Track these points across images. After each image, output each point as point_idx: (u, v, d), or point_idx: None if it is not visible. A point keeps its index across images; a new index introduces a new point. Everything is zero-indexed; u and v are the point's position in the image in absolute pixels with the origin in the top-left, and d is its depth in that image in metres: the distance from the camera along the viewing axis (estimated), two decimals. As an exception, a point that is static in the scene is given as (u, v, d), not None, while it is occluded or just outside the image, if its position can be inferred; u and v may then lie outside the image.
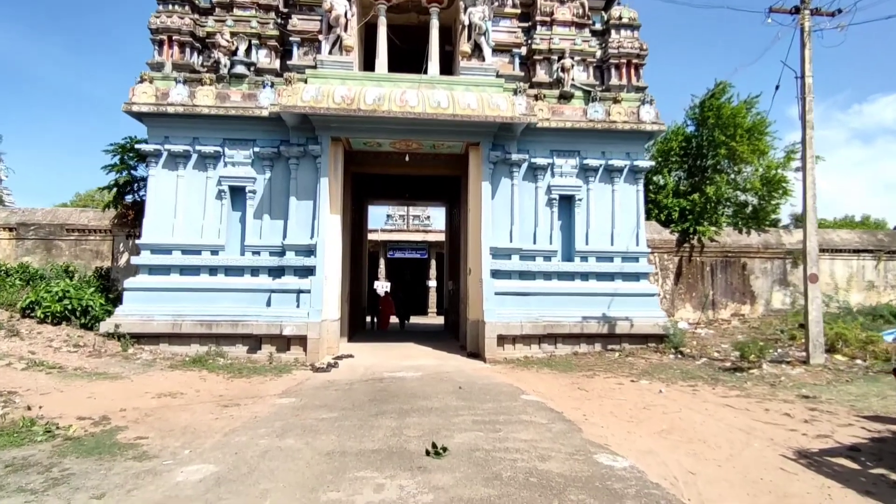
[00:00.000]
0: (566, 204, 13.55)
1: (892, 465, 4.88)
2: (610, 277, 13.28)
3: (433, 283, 31.79)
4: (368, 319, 21.18)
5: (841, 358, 10.28)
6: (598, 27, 14.68)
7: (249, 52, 13.25)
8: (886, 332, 8.49)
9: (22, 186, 60.04)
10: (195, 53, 13.45)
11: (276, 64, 13.54)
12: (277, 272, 12.47)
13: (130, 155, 14.47)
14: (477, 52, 13.15)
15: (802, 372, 9.52)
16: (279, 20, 13.71)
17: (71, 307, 11.98)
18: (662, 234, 16.61)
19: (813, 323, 10.07)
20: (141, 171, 14.43)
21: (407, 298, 23.85)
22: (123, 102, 12.30)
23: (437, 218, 35.27)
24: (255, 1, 13.44)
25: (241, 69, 12.85)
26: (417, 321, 25.06)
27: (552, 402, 7.73)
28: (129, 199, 15.11)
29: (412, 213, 35.81)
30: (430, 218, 35.92)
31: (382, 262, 31.78)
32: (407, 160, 13.72)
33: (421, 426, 6.17)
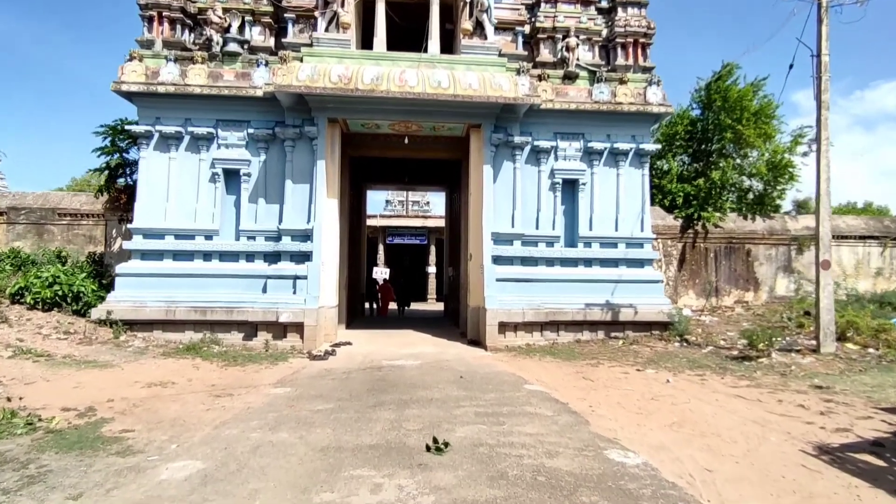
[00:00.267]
0: (569, 188, 13.19)
1: (919, 461, 4.62)
2: (614, 264, 12.99)
3: (433, 269, 31.58)
4: (367, 306, 20.93)
5: (852, 347, 10.00)
6: (604, 4, 14.16)
7: (243, 29, 12.79)
8: None
9: (17, 172, 59.35)
10: (186, 30, 12.95)
11: (270, 42, 13.07)
12: (273, 257, 12.15)
13: (122, 137, 14.04)
14: (479, 29, 12.70)
15: (813, 361, 9.25)
16: (273, -4, 13.21)
17: (61, 293, 11.72)
18: (666, 219, 16.27)
19: (824, 310, 9.77)
20: (133, 153, 14.04)
21: (406, 285, 23.61)
22: (112, 81, 11.88)
23: (436, 204, 35.02)
24: (248, -25, 12.95)
25: (234, 47, 12.40)
26: (417, 308, 24.83)
27: (556, 392, 7.46)
28: (121, 182, 14.74)
29: (411, 198, 35.51)
30: (429, 204, 35.66)
31: (381, 248, 31.51)
32: (406, 143, 13.34)
33: (421, 419, 5.89)
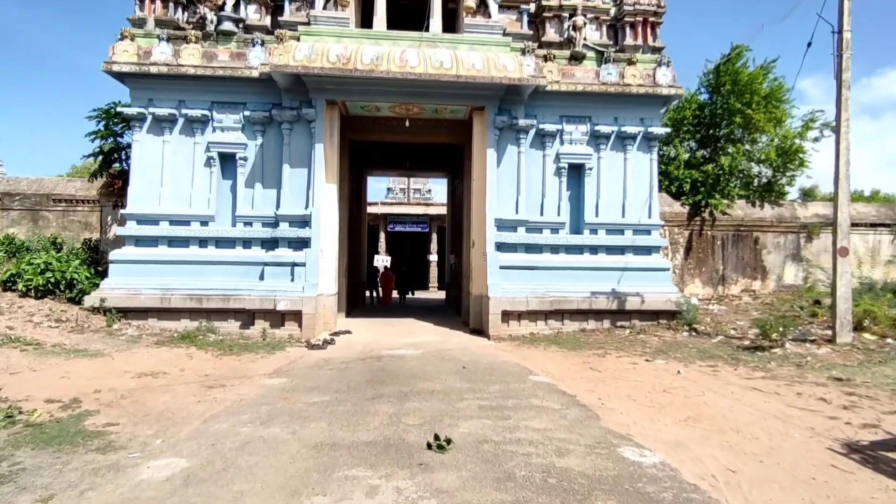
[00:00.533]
0: (575, 173, 12.79)
1: (956, 461, 4.29)
2: (620, 251, 12.63)
3: (434, 257, 31.31)
4: (368, 294, 20.64)
5: (870, 337, 9.64)
6: (612, -19, 13.67)
7: (238, 7, 12.31)
8: None
9: (19, 160, 58.99)
10: (179, 8, 12.47)
11: (266, 20, 12.60)
12: (271, 244, 11.81)
13: (115, 121, 13.63)
14: (482, 7, 12.24)
15: (829, 352, 8.91)
16: (269, -28, 12.74)
17: (54, 280, 11.43)
18: (673, 206, 15.86)
19: (841, 299, 9.40)
20: (127, 137, 13.65)
21: (408, 273, 23.33)
22: (103, 62, 11.48)
23: (438, 191, 34.73)
24: (242, -49, 12.46)
25: (228, 26, 11.95)
26: (418, 296, 24.54)
27: (563, 383, 7.14)
28: (116, 167, 14.37)
29: (413, 185, 35.18)
30: (430, 191, 35.36)
31: (382, 235, 31.19)
32: (407, 126, 12.93)
33: (422, 412, 5.58)
